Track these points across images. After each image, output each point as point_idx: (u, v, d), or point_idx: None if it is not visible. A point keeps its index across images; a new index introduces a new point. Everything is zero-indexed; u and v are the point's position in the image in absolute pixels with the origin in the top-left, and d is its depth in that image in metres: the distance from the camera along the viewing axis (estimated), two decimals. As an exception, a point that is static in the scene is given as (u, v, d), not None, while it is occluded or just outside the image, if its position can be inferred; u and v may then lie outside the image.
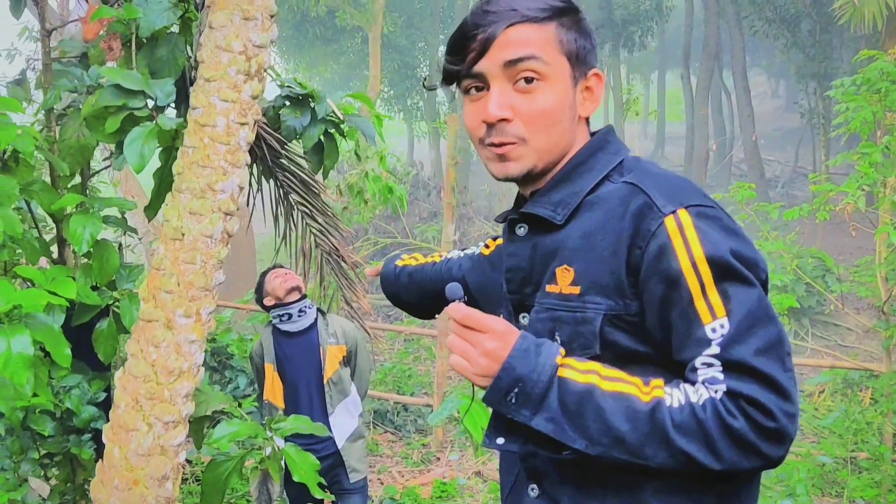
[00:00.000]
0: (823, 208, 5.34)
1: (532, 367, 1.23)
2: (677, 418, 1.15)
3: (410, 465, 6.70)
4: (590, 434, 1.20)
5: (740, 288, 1.19)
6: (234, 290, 10.80)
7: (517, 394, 1.24)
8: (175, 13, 3.03)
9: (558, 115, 1.37)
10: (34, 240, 3.13)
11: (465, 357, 1.29)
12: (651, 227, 1.24)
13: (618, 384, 1.21)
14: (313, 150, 3.71)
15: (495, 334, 1.26)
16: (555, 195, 1.40)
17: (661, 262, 1.23)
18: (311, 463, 2.89)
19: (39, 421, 3.15)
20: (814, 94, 19.40)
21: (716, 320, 1.18)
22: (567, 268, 1.34)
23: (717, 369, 1.16)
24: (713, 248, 1.20)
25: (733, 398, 1.14)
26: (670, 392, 1.18)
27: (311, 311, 4.09)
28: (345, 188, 6.52)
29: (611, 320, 1.28)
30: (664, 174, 1.36)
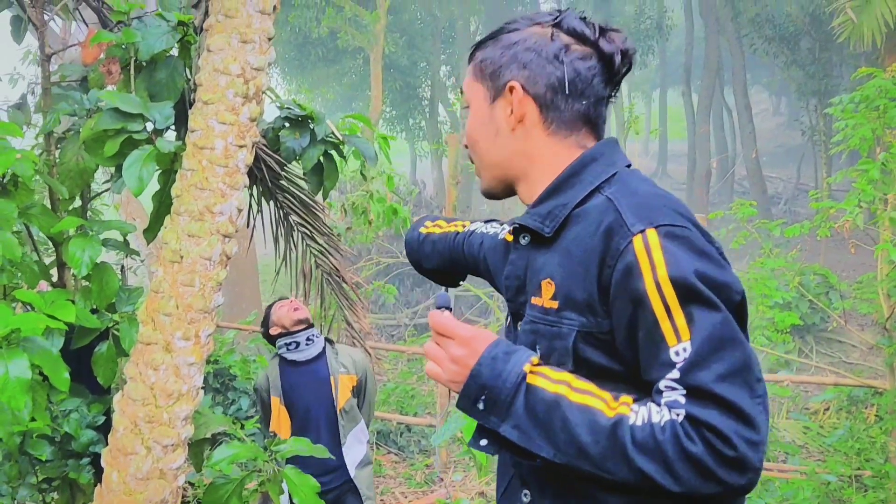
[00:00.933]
0: (824, 225, 5.33)
1: (497, 374, 1.25)
2: (638, 436, 1.15)
3: (414, 486, 6.67)
4: (557, 443, 1.20)
5: (704, 311, 1.18)
6: (237, 312, 10.80)
7: (485, 400, 1.26)
8: (174, 37, 3.05)
9: (475, 135, 1.50)
10: (33, 263, 3.13)
11: (437, 363, 1.33)
12: (619, 245, 1.25)
13: (586, 396, 1.22)
14: (313, 171, 3.71)
15: (461, 340, 1.30)
16: (545, 207, 1.42)
17: (628, 282, 1.23)
18: (311, 485, 2.87)
19: (37, 445, 3.13)
20: (814, 111, 19.44)
21: (680, 343, 1.17)
22: (550, 281, 1.36)
23: (679, 392, 1.16)
24: (677, 270, 1.19)
25: (693, 423, 1.13)
26: (637, 410, 1.18)
27: (318, 339, 4.06)
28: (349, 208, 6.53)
29: (584, 337, 1.29)
30: (646, 191, 1.35)
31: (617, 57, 1.42)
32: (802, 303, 9.68)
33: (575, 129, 1.44)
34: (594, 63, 1.42)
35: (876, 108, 5.15)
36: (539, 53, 1.42)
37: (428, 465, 7.09)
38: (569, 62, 1.40)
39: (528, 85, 1.43)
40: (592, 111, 1.44)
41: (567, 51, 1.41)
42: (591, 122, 1.45)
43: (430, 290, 14.37)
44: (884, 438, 5.78)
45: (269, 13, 2.93)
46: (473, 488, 6.33)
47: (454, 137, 7.38)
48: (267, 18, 2.92)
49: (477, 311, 13.65)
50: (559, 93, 1.41)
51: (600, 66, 1.42)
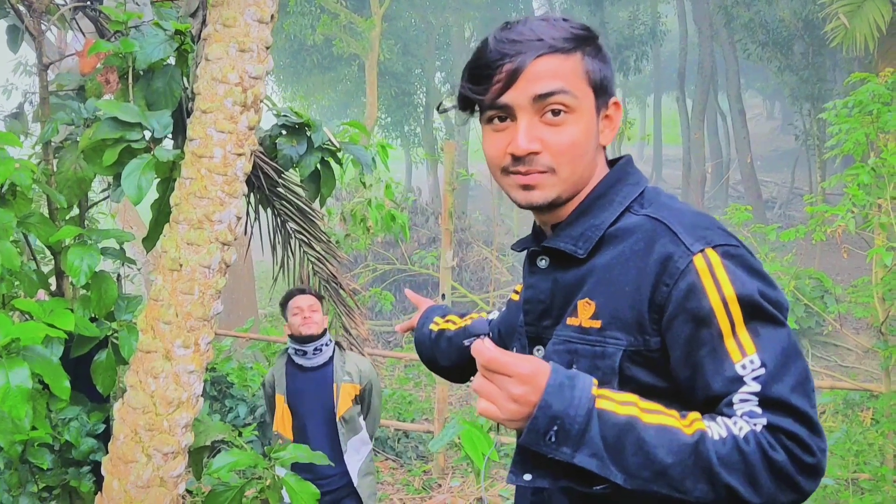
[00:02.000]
0: (819, 229, 5.35)
1: (569, 403, 1.18)
2: (721, 451, 1.14)
3: (412, 492, 6.67)
4: (629, 467, 1.16)
5: (771, 327, 1.21)
6: (234, 319, 10.78)
7: (556, 432, 1.18)
8: (171, 46, 3.06)
9: (585, 146, 1.37)
10: (32, 272, 3.14)
11: (492, 402, 1.22)
12: (680, 265, 1.25)
13: (659, 416, 1.19)
14: (310, 178, 3.73)
15: (521, 378, 1.19)
16: (576, 228, 1.39)
17: (689, 300, 1.23)
18: (310, 492, 2.88)
19: (38, 454, 3.14)
20: (808, 115, 19.51)
21: (745, 357, 1.18)
22: (588, 301, 1.33)
23: (753, 403, 1.17)
24: (743, 288, 1.21)
25: (773, 432, 1.14)
26: (709, 425, 1.17)
27: (327, 348, 4.02)
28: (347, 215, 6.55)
29: (630, 356, 1.28)
30: (686, 209, 1.35)
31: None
32: (798, 307, 9.71)
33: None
34: None
35: (869, 113, 5.17)
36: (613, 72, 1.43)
37: (426, 471, 7.09)
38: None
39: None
40: None
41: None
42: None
43: (426, 296, 14.32)
44: (880, 441, 5.79)
45: (267, 22, 2.95)
46: (471, 494, 6.33)
47: (450, 144, 7.40)
48: (265, 27, 2.94)
49: (473, 317, 13.62)
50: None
51: None
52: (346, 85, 24.94)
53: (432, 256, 11.65)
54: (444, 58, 26.67)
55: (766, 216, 20.29)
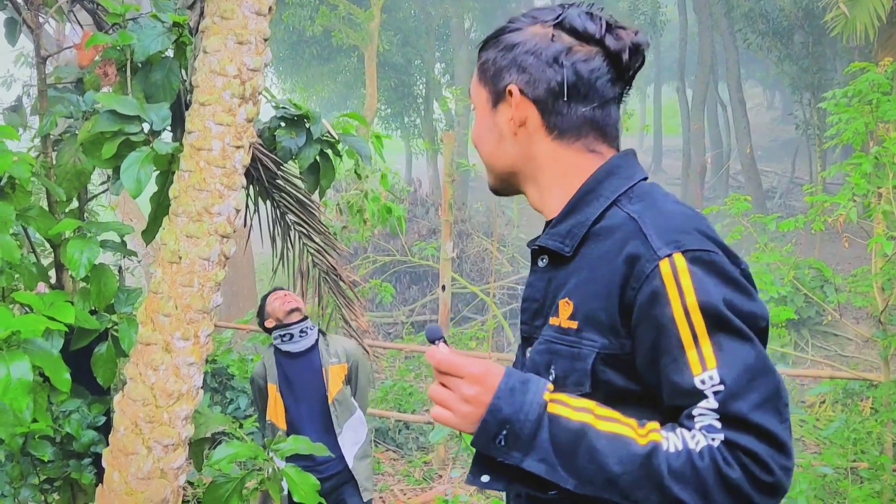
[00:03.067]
0: (819, 219, 5.35)
1: (519, 407, 1.19)
2: (674, 464, 1.12)
3: (412, 482, 6.69)
4: (581, 474, 1.16)
5: (735, 342, 1.16)
6: (235, 311, 10.81)
7: (506, 436, 1.20)
8: (169, 38, 3.06)
9: (478, 139, 1.47)
10: (32, 265, 3.14)
11: (446, 406, 1.24)
12: (645, 269, 1.21)
13: (613, 424, 1.18)
14: (309, 170, 3.73)
15: (473, 378, 1.22)
16: (564, 226, 1.37)
17: (653, 307, 1.19)
18: (311, 483, 2.89)
19: (39, 446, 3.15)
20: (808, 105, 19.46)
21: (705, 371, 1.15)
22: (568, 301, 1.31)
23: (713, 418, 1.14)
24: (706, 297, 1.17)
25: (731, 448, 1.12)
26: (667, 436, 1.15)
27: (312, 331, 4.10)
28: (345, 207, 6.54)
29: (604, 359, 1.25)
30: (670, 209, 1.30)
31: (625, 55, 1.36)
32: (798, 297, 9.70)
33: (581, 133, 1.39)
34: (598, 64, 1.36)
35: (869, 103, 5.16)
36: (538, 56, 1.37)
37: (426, 462, 7.11)
38: (569, 65, 1.35)
39: (527, 89, 1.38)
40: (599, 114, 1.38)
41: (568, 53, 1.35)
42: (599, 126, 1.39)
43: (426, 287, 14.39)
44: (879, 430, 5.81)
45: (265, 14, 2.94)
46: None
47: (450, 135, 7.40)
48: (262, 19, 2.93)
49: (473, 309, 13.66)
50: (560, 97, 1.36)
51: (607, 65, 1.36)
52: (345, 76, 24.89)
53: (432, 248, 11.64)
54: (443, 49, 26.60)
55: (766, 206, 20.28)
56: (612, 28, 1.38)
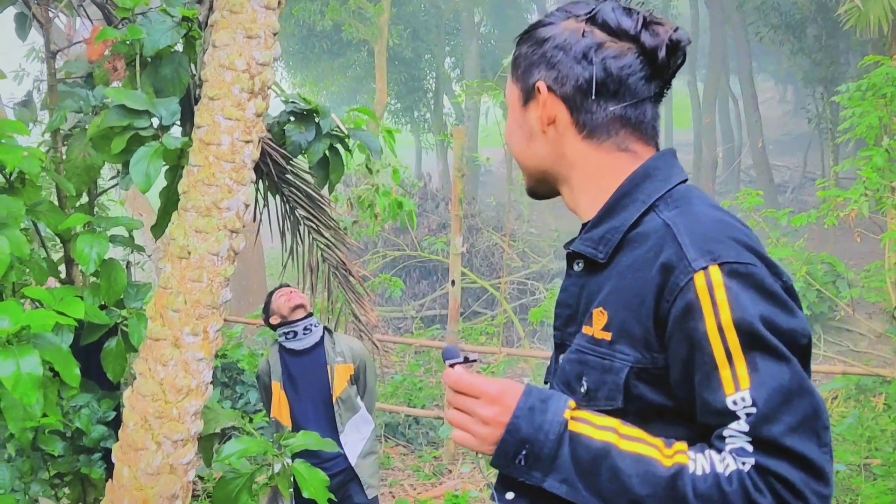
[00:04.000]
0: (831, 214, 5.32)
1: (538, 426, 1.16)
2: (700, 487, 1.08)
3: (422, 478, 6.68)
4: (604, 494, 1.13)
5: (770, 361, 1.10)
6: (245, 306, 10.82)
7: (525, 455, 1.17)
8: (178, 32, 3.05)
9: (510, 138, 1.43)
10: (42, 260, 3.14)
11: (464, 429, 1.21)
12: (679, 282, 1.15)
13: (637, 444, 1.14)
14: (318, 164, 3.72)
15: (489, 398, 1.20)
16: (598, 231, 1.31)
17: (686, 322, 1.14)
18: (320, 479, 2.89)
19: (49, 441, 3.15)
20: (821, 98, 19.33)
21: (738, 392, 1.09)
22: (602, 311, 1.25)
23: (745, 440, 1.09)
24: (742, 313, 1.11)
25: (762, 474, 1.07)
26: (694, 458, 1.11)
27: (316, 329, 4.08)
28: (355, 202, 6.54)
29: (637, 373, 1.20)
30: (708, 216, 1.23)
31: (661, 52, 1.29)
32: (810, 292, 9.65)
33: (612, 131, 1.33)
34: (631, 61, 1.29)
35: (883, 96, 5.12)
36: (567, 52, 1.31)
37: (436, 457, 7.11)
38: (599, 62, 1.29)
39: (555, 86, 1.33)
40: (632, 112, 1.32)
41: (598, 49, 1.30)
42: (633, 124, 1.33)
43: (436, 282, 14.37)
44: (893, 427, 5.78)
45: (274, 8, 2.93)
46: (481, 480, 6.34)
47: (460, 130, 7.38)
48: (272, 13, 2.92)
49: (483, 304, 13.65)
50: (588, 95, 1.31)
51: (641, 62, 1.30)
52: (355, 71, 24.88)
53: (442, 242, 11.64)
54: (453, 43, 26.54)
55: (777, 201, 20.17)
56: (650, 24, 1.32)
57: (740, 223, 1.25)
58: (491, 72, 21.83)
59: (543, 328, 11.15)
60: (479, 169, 21.96)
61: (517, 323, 11.21)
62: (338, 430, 4.00)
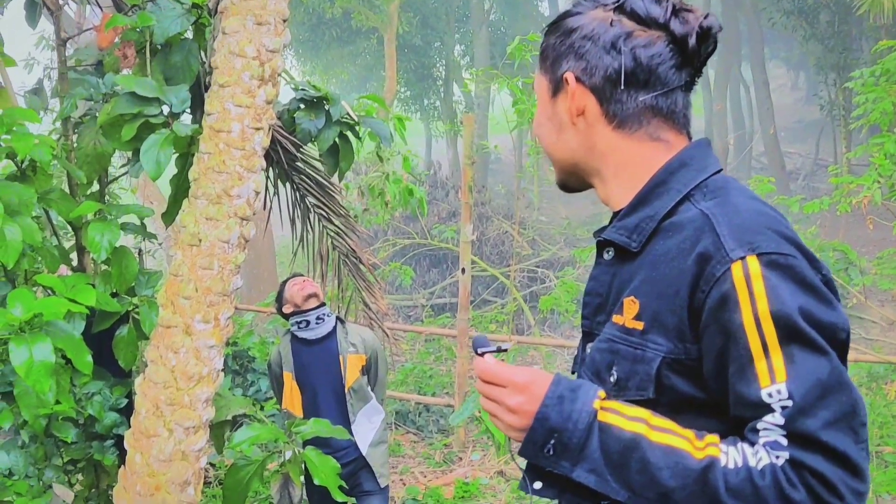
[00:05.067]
0: (844, 201, 5.28)
1: (567, 416, 1.16)
2: (732, 481, 1.06)
3: (433, 465, 6.70)
4: (633, 486, 1.12)
5: (808, 354, 1.08)
6: (256, 294, 10.85)
7: (554, 445, 1.16)
8: (188, 19, 3.05)
9: (540, 130, 1.41)
10: (53, 248, 3.15)
11: (493, 416, 1.23)
12: (716, 272, 1.13)
13: (668, 436, 1.13)
14: (329, 152, 3.72)
15: (517, 388, 1.19)
16: (632, 219, 1.29)
17: (722, 312, 1.12)
18: (331, 466, 2.89)
19: (62, 428, 3.17)
20: (833, 85, 19.20)
21: (773, 385, 1.07)
22: (634, 299, 1.24)
23: (779, 434, 1.07)
24: (780, 305, 1.09)
25: (796, 468, 1.05)
26: (726, 450, 1.10)
27: (329, 318, 4.06)
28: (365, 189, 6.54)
29: (670, 364, 1.18)
30: (747, 208, 1.21)
31: (691, 39, 1.27)
32: (822, 279, 9.58)
33: (643, 121, 1.31)
34: (661, 49, 1.28)
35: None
36: (596, 42, 1.30)
37: (446, 444, 7.12)
38: (627, 51, 1.27)
39: (584, 76, 1.31)
40: (663, 101, 1.30)
41: (627, 38, 1.28)
42: (664, 114, 1.31)
43: (446, 270, 14.37)
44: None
45: (284, -6, 2.92)
46: (492, 467, 6.36)
47: (469, 117, 7.35)
48: (281, 0, 2.91)
49: (493, 292, 13.64)
50: (617, 85, 1.29)
51: (670, 51, 1.28)
52: (365, 59, 24.84)
53: (452, 230, 11.62)
54: (463, 30, 26.45)
55: (789, 188, 20.07)
56: (679, 11, 1.29)
57: (780, 214, 1.23)
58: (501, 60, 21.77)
59: (553, 316, 11.15)
60: (488, 157, 21.91)
61: (527, 311, 11.19)
62: (349, 420, 4.00)
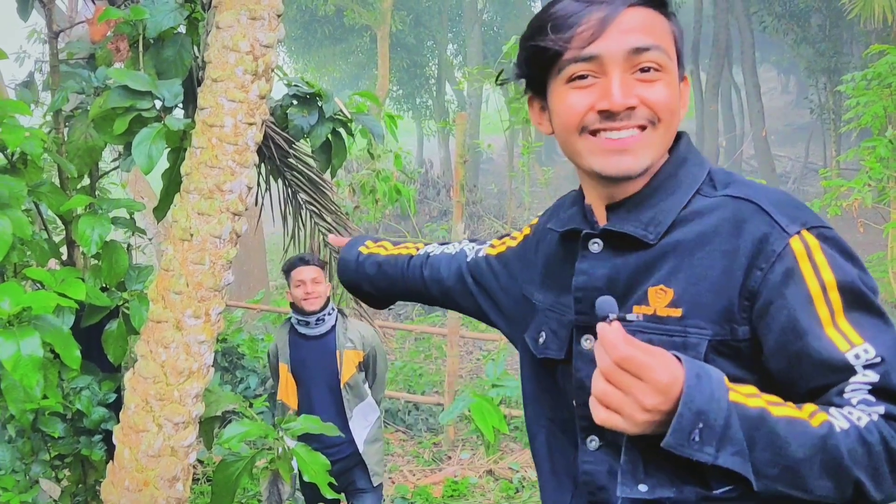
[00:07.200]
0: (834, 204, 5.31)
1: (710, 396, 1.04)
2: (847, 444, 1.04)
3: (422, 463, 6.69)
4: (758, 465, 1.05)
5: (873, 317, 1.12)
6: (245, 290, 10.82)
7: (701, 430, 1.03)
8: (182, 13, 3.03)
9: (676, 108, 1.24)
10: (43, 241, 3.14)
11: (619, 411, 1.06)
12: (776, 247, 1.14)
13: (784, 408, 1.08)
14: (321, 149, 3.71)
15: (658, 387, 1.04)
16: (644, 212, 1.26)
17: (787, 286, 1.13)
18: (321, 463, 2.88)
19: (50, 423, 3.15)
20: (824, 89, 19.31)
21: (855, 347, 1.09)
22: (664, 288, 1.21)
23: (865, 392, 1.08)
24: (844, 275, 1.13)
25: (890, 421, 1.06)
26: (830, 415, 1.07)
27: (330, 317, 4.00)
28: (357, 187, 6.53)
29: (715, 347, 1.16)
30: (772, 189, 1.25)
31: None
32: (811, 282, 9.63)
33: None
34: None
35: (888, 86, 5.10)
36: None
37: (436, 443, 7.12)
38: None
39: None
40: None
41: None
42: None
43: (437, 269, 14.36)
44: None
45: (278, -11, 2.91)
46: (481, 466, 6.36)
47: (462, 116, 7.35)
48: (275, -5, 2.90)
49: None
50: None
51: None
52: (357, 57, 24.83)
53: (443, 229, 11.64)
54: (456, 29, 26.49)
55: (779, 191, 20.15)
56: None
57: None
58: (493, 59, 21.77)
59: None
60: (480, 156, 21.92)
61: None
62: (346, 416, 3.98)
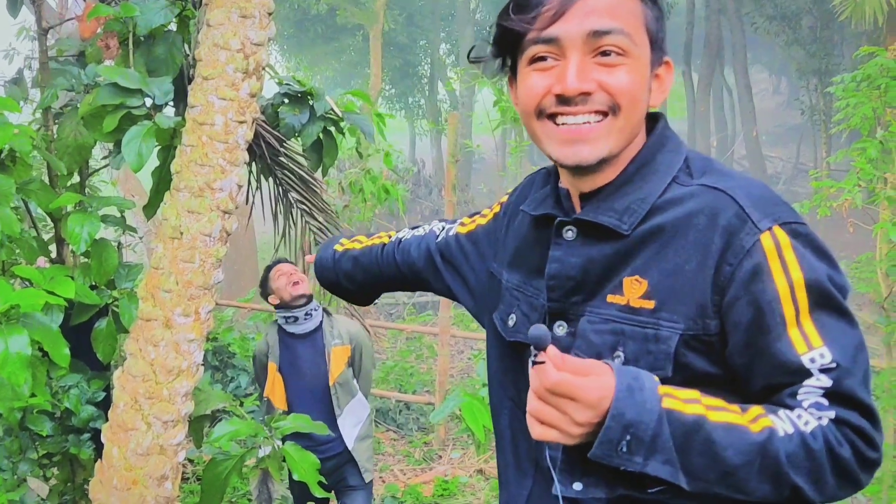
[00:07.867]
0: (824, 204, 5.32)
1: (641, 407, 1.06)
2: (789, 449, 1.05)
3: (412, 463, 6.69)
4: (693, 470, 1.07)
5: (837, 319, 1.11)
6: (236, 289, 10.80)
7: (629, 441, 1.05)
8: (172, 11, 3.03)
9: (640, 95, 1.21)
10: (32, 239, 3.13)
11: (556, 428, 1.09)
12: (745, 243, 1.13)
13: (724, 414, 1.09)
14: (312, 147, 3.71)
15: (589, 403, 1.06)
16: (619, 201, 1.23)
17: (754, 283, 1.12)
18: (311, 461, 2.88)
19: (38, 421, 3.14)
20: (815, 90, 19.37)
21: (812, 350, 1.09)
22: (638, 279, 1.19)
23: (819, 395, 1.08)
24: (812, 273, 1.11)
25: (840, 426, 1.07)
26: (774, 420, 1.08)
27: (316, 313, 4.02)
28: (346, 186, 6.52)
29: (687, 341, 1.15)
30: (747, 179, 1.22)
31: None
32: (801, 282, 9.65)
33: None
34: None
35: (877, 87, 5.11)
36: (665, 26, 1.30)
37: (426, 442, 7.11)
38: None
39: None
40: None
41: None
42: None
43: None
44: (882, 416, 5.80)
45: (269, -13, 2.91)
46: (472, 465, 6.36)
47: (454, 116, 7.35)
48: (266, -7, 2.90)
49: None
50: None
51: None
52: (350, 56, 24.80)
53: (435, 229, 11.58)
54: (448, 29, 26.47)
55: (770, 192, 20.21)
56: None
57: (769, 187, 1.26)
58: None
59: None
60: (472, 156, 21.92)
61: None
62: (335, 414, 3.98)
